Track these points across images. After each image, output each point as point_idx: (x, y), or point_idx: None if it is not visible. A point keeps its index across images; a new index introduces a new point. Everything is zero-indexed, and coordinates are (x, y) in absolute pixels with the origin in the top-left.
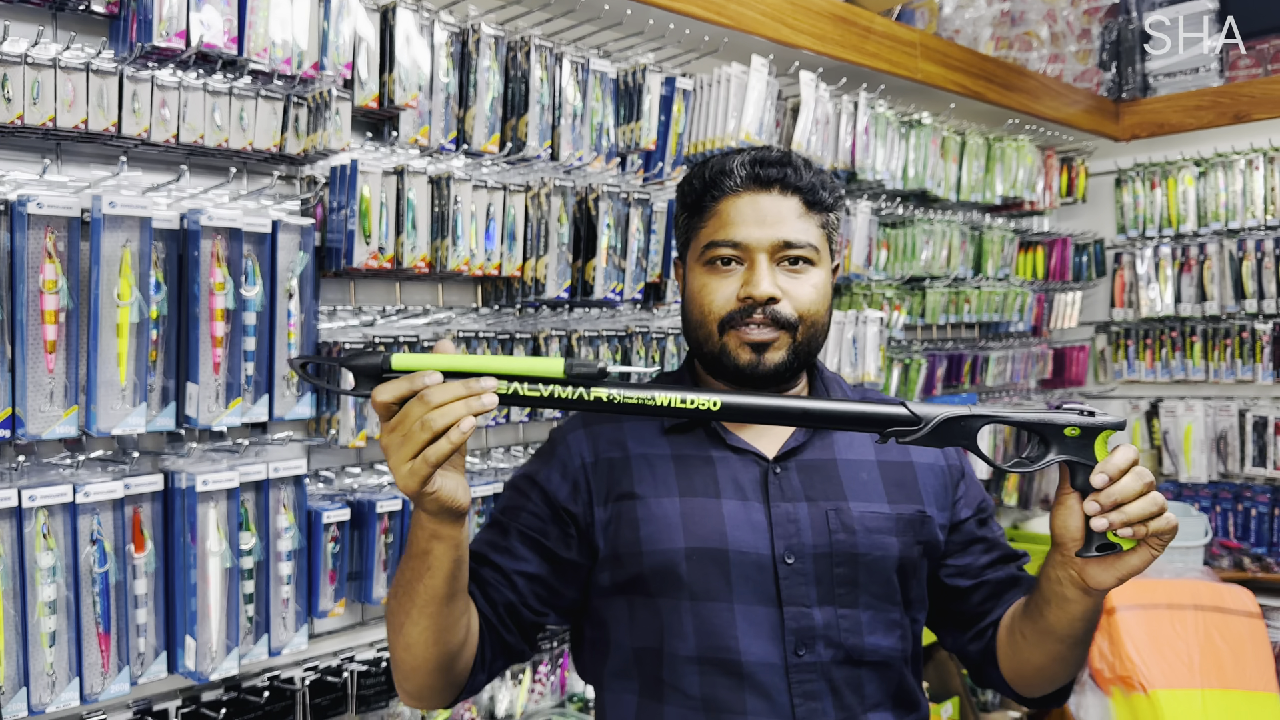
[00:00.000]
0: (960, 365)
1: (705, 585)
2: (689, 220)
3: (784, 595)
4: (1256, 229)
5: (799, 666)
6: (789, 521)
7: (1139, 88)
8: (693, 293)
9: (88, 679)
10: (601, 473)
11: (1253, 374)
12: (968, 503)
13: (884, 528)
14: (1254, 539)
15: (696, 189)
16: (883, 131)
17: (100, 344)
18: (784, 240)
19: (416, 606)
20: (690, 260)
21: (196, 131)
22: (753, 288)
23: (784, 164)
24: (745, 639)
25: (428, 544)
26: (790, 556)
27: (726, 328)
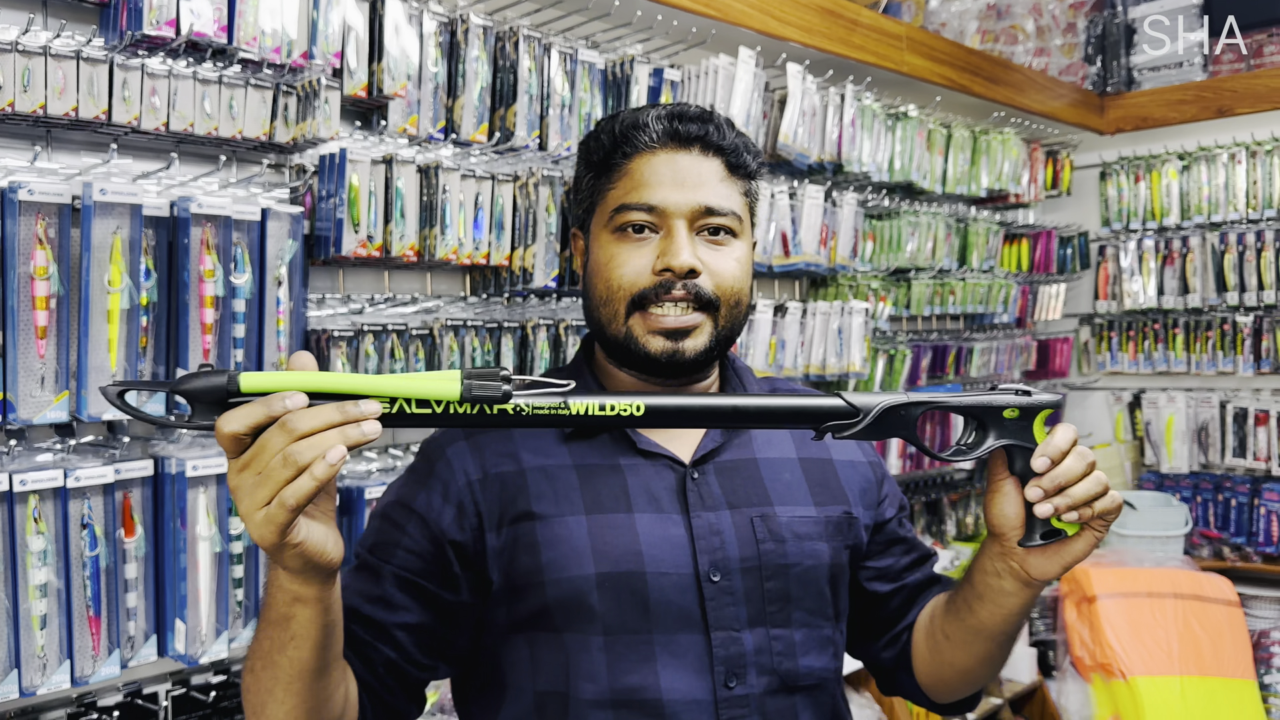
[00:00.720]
0: (945, 356)
1: (620, 616)
2: (594, 181)
3: (710, 619)
4: (1238, 222)
5: (729, 701)
6: (712, 533)
7: (1123, 81)
8: (598, 264)
9: (78, 662)
10: (492, 491)
11: (1233, 366)
12: (892, 501)
13: (813, 533)
14: (1233, 529)
15: (605, 145)
16: (869, 124)
17: (91, 330)
18: (706, 205)
19: (280, 684)
20: (595, 228)
21: (186, 120)
22: (671, 258)
23: (705, 120)
24: (667, 674)
25: (289, 608)
26: (716, 573)
27: (636, 308)
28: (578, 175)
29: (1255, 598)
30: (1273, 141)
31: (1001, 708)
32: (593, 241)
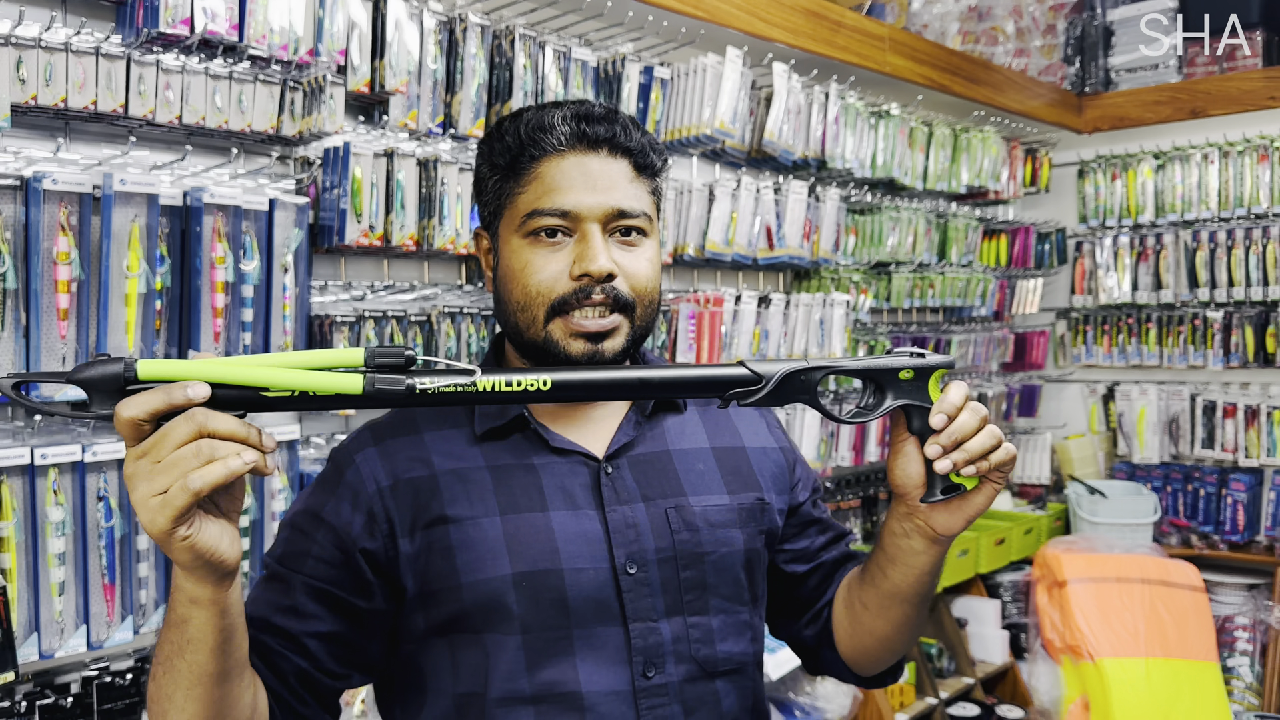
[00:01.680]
0: (924, 347)
1: (538, 614)
2: (501, 184)
3: (628, 611)
4: (1210, 221)
5: (648, 690)
6: (627, 527)
7: (1101, 82)
8: (512, 270)
9: (94, 627)
10: (403, 497)
11: (1204, 360)
12: (805, 484)
13: (727, 521)
14: (1202, 518)
15: (510, 147)
16: (852, 121)
17: (111, 312)
18: (618, 208)
19: (181, 689)
20: (504, 231)
21: (198, 113)
22: (589, 263)
23: (612, 121)
24: (585, 668)
25: (186, 610)
26: (632, 566)
27: (555, 313)
28: (481, 175)
29: (1221, 584)
30: (1244, 142)
31: (974, 687)
32: (502, 245)
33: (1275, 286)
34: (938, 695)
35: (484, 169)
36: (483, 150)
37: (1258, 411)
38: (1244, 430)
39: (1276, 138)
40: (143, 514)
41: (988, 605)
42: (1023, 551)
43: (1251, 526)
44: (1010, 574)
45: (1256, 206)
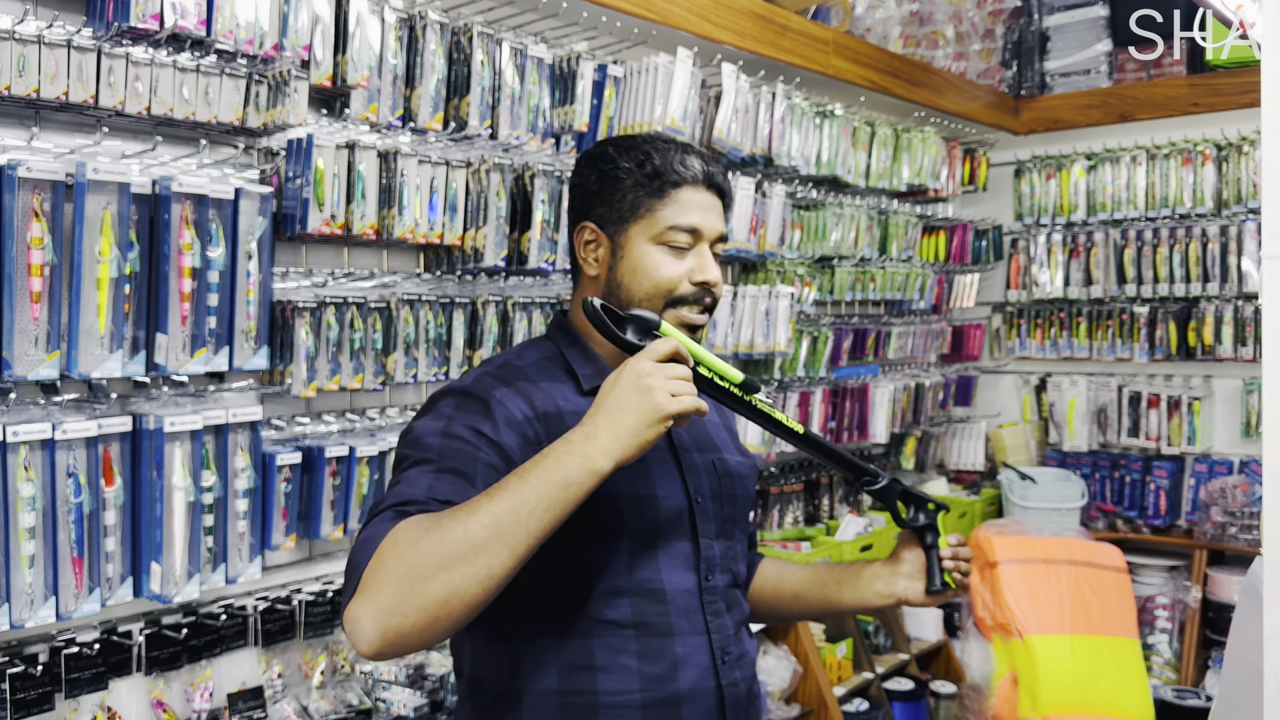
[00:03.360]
0: (865, 339)
1: (641, 527)
2: (643, 196)
3: (699, 530)
4: (1138, 220)
5: (709, 590)
6: (692, 469)
7: (1037, 85)
8: (645, 267)
9: (62, 599)
10: (547, 424)
11: (1130, 353)
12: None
13: (746, 474)
14: (1127, 503)
15: (658, 171)
16: (798, 121)
17: (83, 296)
18: (721, 234)
19: (530, 537)
20: (638, 234)
21: (167, 105)
22: (707, 274)
23: (721, 168)
24: (668, 571)
25: (584, 477)
26: (699, 497)
27: (670, 305)
28: (617, 184)
29: (1144, 566)
30: (1169, 146)
31: (909, 663)
32: (632, 244)
33: (1196, 283)
34: (874, 670)
35: (627, 181)
36: (622, 165)
37: (1179, 402)
38: (1166, 420)
39: (1199, 142)
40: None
41: None
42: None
43: (1173, 511)
44: None
45: (1180, 207)
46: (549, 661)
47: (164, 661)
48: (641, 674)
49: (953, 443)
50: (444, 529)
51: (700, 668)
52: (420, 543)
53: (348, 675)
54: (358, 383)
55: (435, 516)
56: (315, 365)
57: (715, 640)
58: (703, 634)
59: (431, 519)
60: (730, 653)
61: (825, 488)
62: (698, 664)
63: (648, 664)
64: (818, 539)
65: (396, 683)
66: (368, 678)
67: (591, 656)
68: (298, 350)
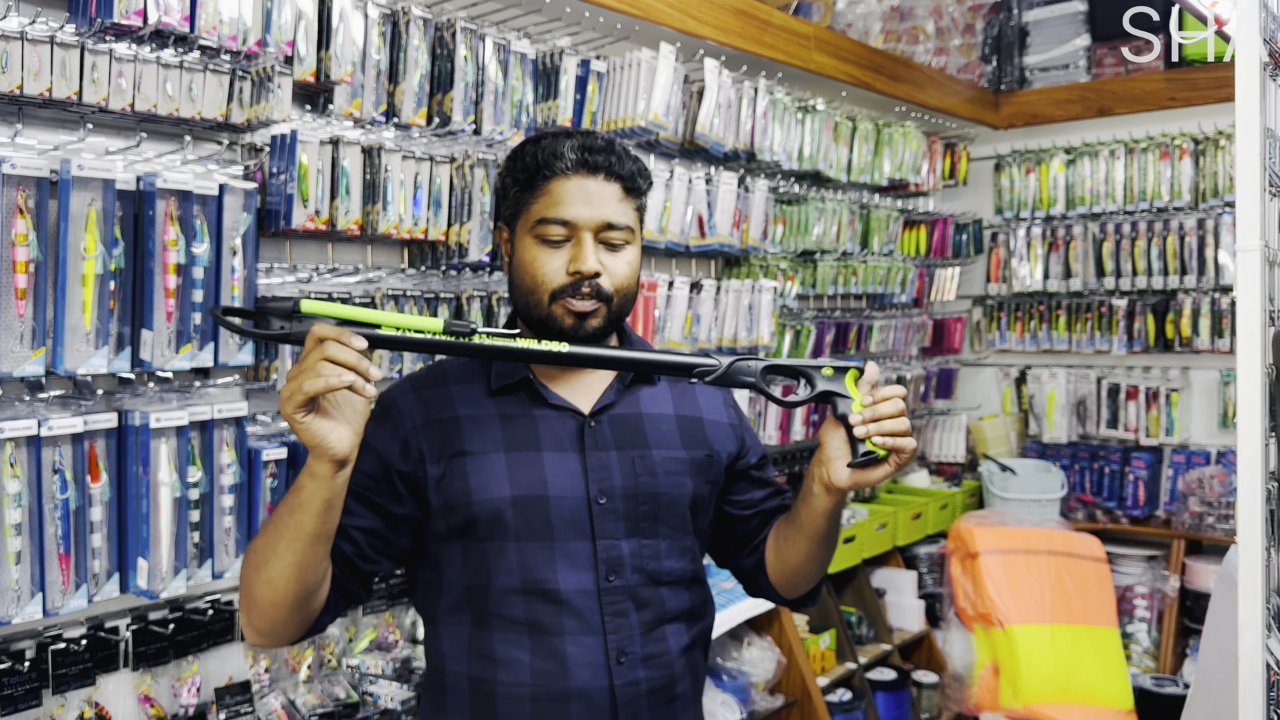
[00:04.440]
0: (847, 332)
1: (528, 528)
2: (520, 194)
3: (596, 530)
4: (1116, 213)
5: (609, 590)
6: (601, 468)
7: (1016, 80)
8: (525, 263)
9: (49, 595)
10: (432, 433)
11: (1109, 345)
12: (754, 452)
13: (680, 470)
14: (1106, 494)
15: (529, 166)
16: (780, 116)
17: (69, 292)
18: (607, 221)
19: (284, 540)
20: (520, 230)
21: (150, 101)
22: (580, 264)
23: (609, 152)
24: (563, 571)
25: (305, 479)
26: (602, 497)
27: (555, 298)
28: (505, 184)
29: (1123, 556)
30: (1147, 140)
31: (892, 653)
32: (518, 241)
33: (1174, 276)
34: (857, 661)
35: (508, 180)
36: (507, 165)
37: (1157, 394)
38: (1145, 411)
39: (1176, 136)
40: (280, 401)
41: (905, 576)
42: (938, 525)
43: (1151, 502)
44: (926, 547)
45: (1158, 200)
46: (463, 647)
47: (151, 657)
48: (533, 669)
49: (934, 435)
50: (249, 552)
51: (592, 666)
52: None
53: (335, 669)
54: None
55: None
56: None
57: (612, 640)
58: (598, 634)
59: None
60: (630, 652)
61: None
62: (589, 663)
63: (539, 660)
64: None
65: (384, 676)
66: (354, 671)
67: (492, 648)
68: (283, 346)
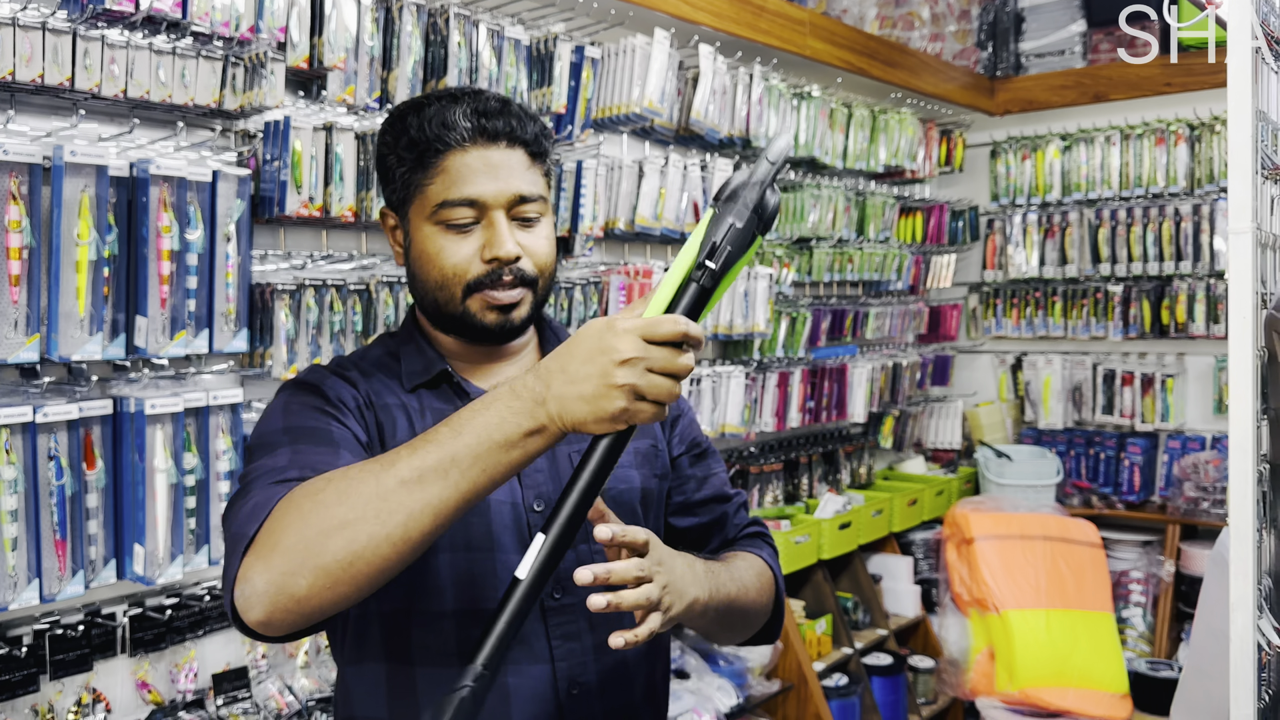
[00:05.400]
0: (843, 319)
1: (464, 538)
2: (409, 175)
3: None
4: (1112, 199)
5: (556, 609)
6: (534, 470)
7: (1012, 66)
8: (428, 254)
9: (46, 581)
10: (376, 414)
11: (1105, 331)
12: (682, 439)
13: (625, 462)
14: (1101, 479)
15: (416, 141)
16: (775, 102)
17: (62, 279)
18: (518, 194)
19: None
20: (415, 217)
21: (143, 87)
22: (498, 249)
23: (508, 115)
24: (503, 589)
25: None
26: (539, 503)
27: (471, 291)
28: (387, 162)
29: (1118, 541)
30: (1143, 125)
31: (888, 638)
32: (414, 229)
33: (1170, 262)
34: (853, 646)
35: (390, 158)
36: (386, 140)
37: (1153, 379)
38: (1140, 397)
39: (1172, 122)
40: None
41: (901, 562)
42: (934, 512)
43: (1147, 487)
44: (922, 533)
45: (1154, 186)
46: (377, 689)
47: (148, 643)
48: None
49: (930, 422)
50: (352, 479)
51: (538, 701)
52: (321, 497)
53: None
54: None
55: (342, 470)
56: (295, 347)
57: (562, 670)
58: (545, 662)
59: (338, 471)
60: (583, 683)
61: (805, 467)
62: (534, 696)
63: None
64: (796, 517)
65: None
66: None
67: (414, 687)
68: (277, 333)
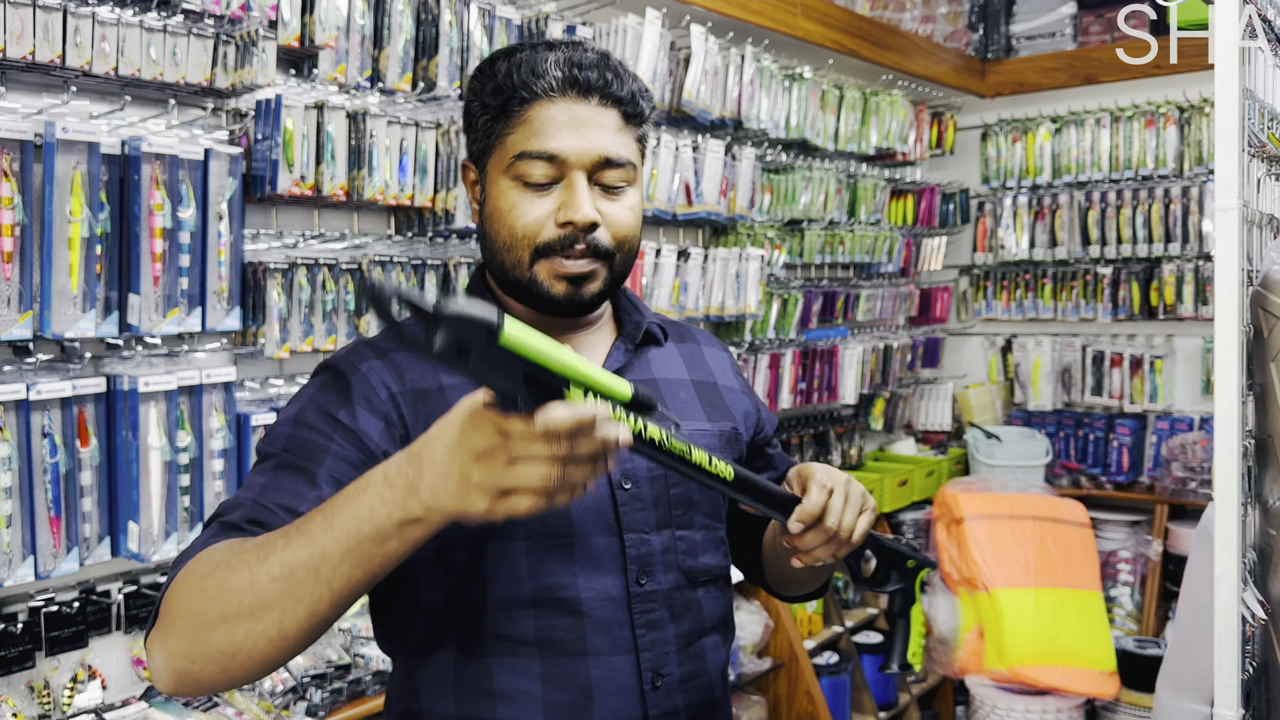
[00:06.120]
0: (834, 301)
1: (543, 522)
2: (491, 123)
3: (624, 522)
4: (1101, 182)
5: (640, 596)
6: None
7: (1003, 48)
8: (499, 211)
9: (41, 558)
10: (415, 405)
11: (1094, 313)
12: (770, 425)
13: (711, 445)
14: (1090, 460)
15: (502, 87)
16: (767, 83)
17: (54, 256)
18: (604, 157)
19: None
20: (493, 170)
21: (134, 65)
22: (573, 212)
23: (604, 68)
24: (584, 575)
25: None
26: (627, 482)
27: (540, 256)
28: (471, 109)
29: (1107, 521)
30: (1133, 108)
31: (877, 617)
32: (490, 183)
33: (1159, 244)
34: (844, 624)
35: (475, 105)
36: (474, 86)
37: (1142, 361)
38: (1129, 379)
39: (1161, 104)
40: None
41: None
42: (924, 492)
43: (1135, 468)
44: (912, 513)
45: (1143, 169)
46: (446, 682)
47: (143, 620)
48: (547, 703)
49: (920, 403)
50: (232, 571)
51: (622, 695)
52: (205, 585)
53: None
54: (331, 344)
55: (231, 551)
56: (288, 326)
57: (646, 660)
58: (629, 652)
59: (226, 553)
60: (668, 675)
61: (796, 448)
62: (619, 690)
63: (555, 690)
64: None
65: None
66: (346, 634)
67: (490, 680)
68: (270, 311)
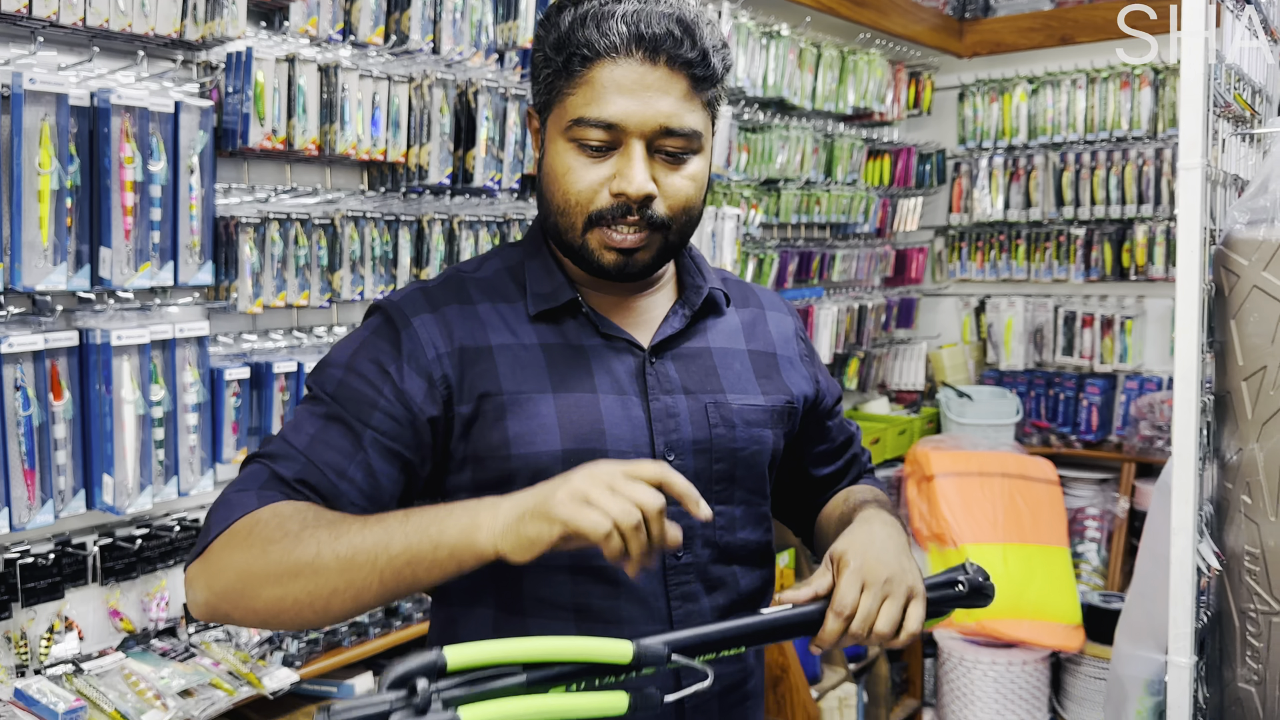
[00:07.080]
0: (810, 262)
1: None
2: (553, 79)
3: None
4: (1076, 143)
5: (676, 568)
6: (668, 416)
7: (981, 8)
8: (555, 172)
9: (15, 510)
10: (461, 364)
11: (1067, 274)
12: (831, 394)
13: (761, 420)
14: (1061, 419)
15: (564, 42)
16: (745, 40)
17: (24, 208)
18: (663, 126)
19: (383, 588)
20: (552, 128)
21: (102, 15)
22: (627, 184)
23: (676, 25)
24: None
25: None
26: (670, 453)
27: (592, 224)
28: (535, 59)
29: (1075, 479)
30: (1108, 69)
31: None
32: (549, 140)
33: (1131, 205)
34: None
35: (538, 56)
36: (539, 34)
37: (1112, 321)
38: (1100, 339)
39: (1137, 65)
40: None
41: None
42: (896, 450)
43: (1104, 427)
44: (884, 470)
45: (1118, 130)
46: (485, 635)
47: (119, 572)
48: None
49: (894, 363)
50: (299, 542)
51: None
52: (270, 548)
53: None
54: (304, 299)
55: (301, 518)
56: (260, 281)
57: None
58: (663, 623)
59: (296, 520)
60: None
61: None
62: None
63: None
64: None
65: None
66: None
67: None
68: (242, 266)
